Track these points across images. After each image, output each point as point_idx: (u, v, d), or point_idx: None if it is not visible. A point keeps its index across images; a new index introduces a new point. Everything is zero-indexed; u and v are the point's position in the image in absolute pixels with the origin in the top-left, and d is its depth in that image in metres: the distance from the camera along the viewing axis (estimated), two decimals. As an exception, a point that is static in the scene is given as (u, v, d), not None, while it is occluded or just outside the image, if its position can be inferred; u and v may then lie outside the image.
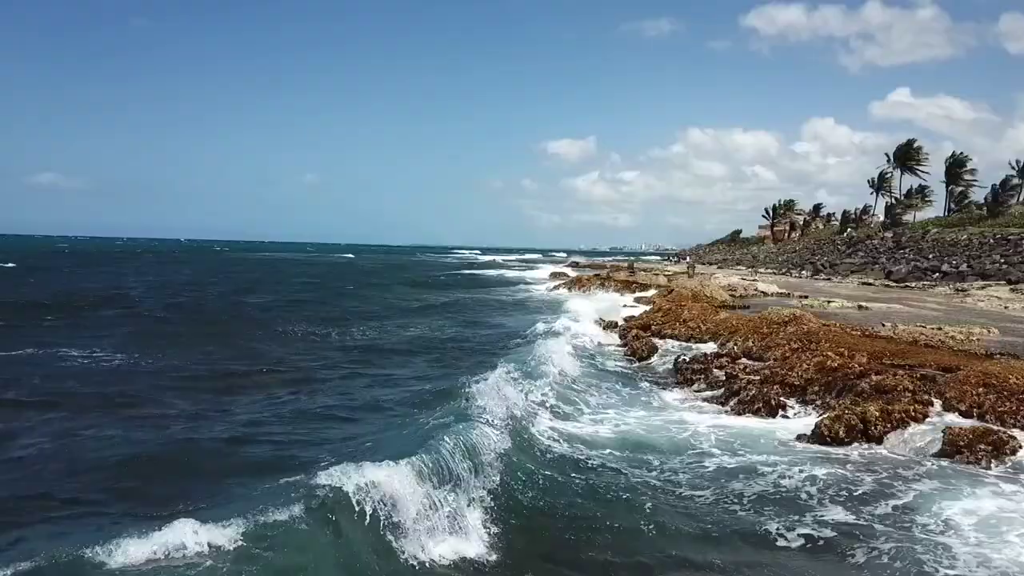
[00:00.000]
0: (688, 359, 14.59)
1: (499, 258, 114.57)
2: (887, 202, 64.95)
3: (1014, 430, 8.66)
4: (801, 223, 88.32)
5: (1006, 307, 24.84)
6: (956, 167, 58.09)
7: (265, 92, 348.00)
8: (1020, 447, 8.17)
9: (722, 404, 11.50)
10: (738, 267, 63.85)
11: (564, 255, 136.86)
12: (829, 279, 42.67)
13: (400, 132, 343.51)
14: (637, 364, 15.98)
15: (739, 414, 10.89)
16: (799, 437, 9.52)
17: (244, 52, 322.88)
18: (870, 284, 36.51)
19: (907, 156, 63.96)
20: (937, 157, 64.20)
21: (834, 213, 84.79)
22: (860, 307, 22.74)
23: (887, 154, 66.71)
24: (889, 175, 67.04)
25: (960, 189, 57.60)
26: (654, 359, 16.28)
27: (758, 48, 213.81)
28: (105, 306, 27.08)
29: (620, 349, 17.99)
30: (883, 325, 16.78)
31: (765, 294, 28.65)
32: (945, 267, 37.79)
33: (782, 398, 11.00)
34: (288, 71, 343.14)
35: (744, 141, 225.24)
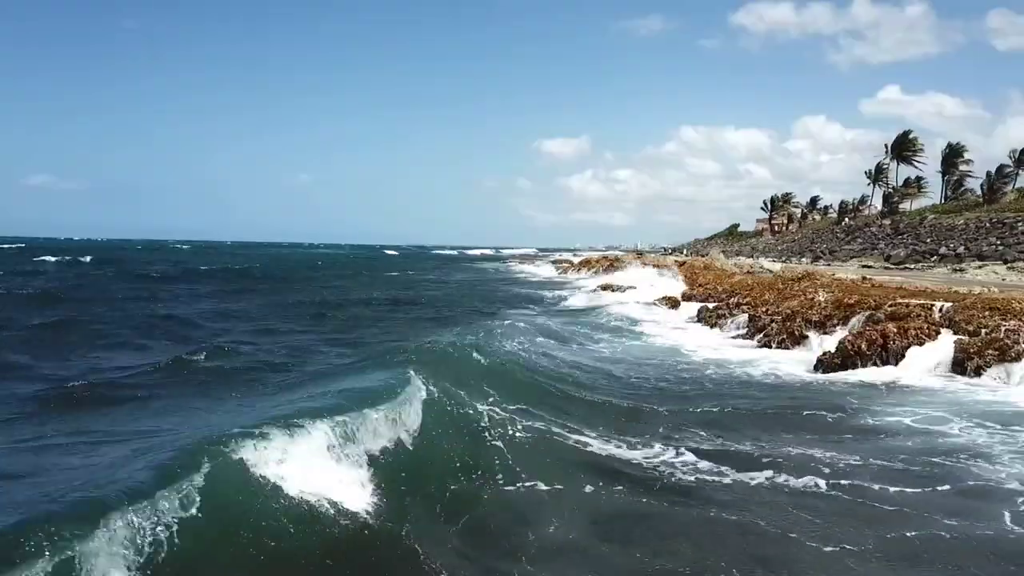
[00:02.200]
0: (711, 308, 15.66)
1: (530, 252, 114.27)
2: (884, 191, 66.00)
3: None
4: (799, 215, 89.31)
5: (1003, 279, 26.02)
6: (952, 156, 59.18)
7: (260, 92, 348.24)
8: (1023, 355, 9.20)
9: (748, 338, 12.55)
10: (738, 257, 64.93)
11: (598, 251, 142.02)
12: (829, 264, 43.74)
13: (399, 131, 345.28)
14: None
15: (766, 347, 11.95)
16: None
17: (241, 51, 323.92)
18: (870, 267, 37.58)
19: (903, 146, 65.00)
20: (931, 153, 65.15)
21: (831, 205, 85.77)
22: (864, 279, 23.79)
23: (886, 145, 67.83)
24: (886, 166, 68.10)
25: (956, 178, 58.72)
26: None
27: (748, 46, 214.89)
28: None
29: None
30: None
31: (771, 271, 29.71)
32: (943, 250, 38.86)
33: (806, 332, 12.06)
34: (284, 70, 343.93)
35: (737, 139, 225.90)
